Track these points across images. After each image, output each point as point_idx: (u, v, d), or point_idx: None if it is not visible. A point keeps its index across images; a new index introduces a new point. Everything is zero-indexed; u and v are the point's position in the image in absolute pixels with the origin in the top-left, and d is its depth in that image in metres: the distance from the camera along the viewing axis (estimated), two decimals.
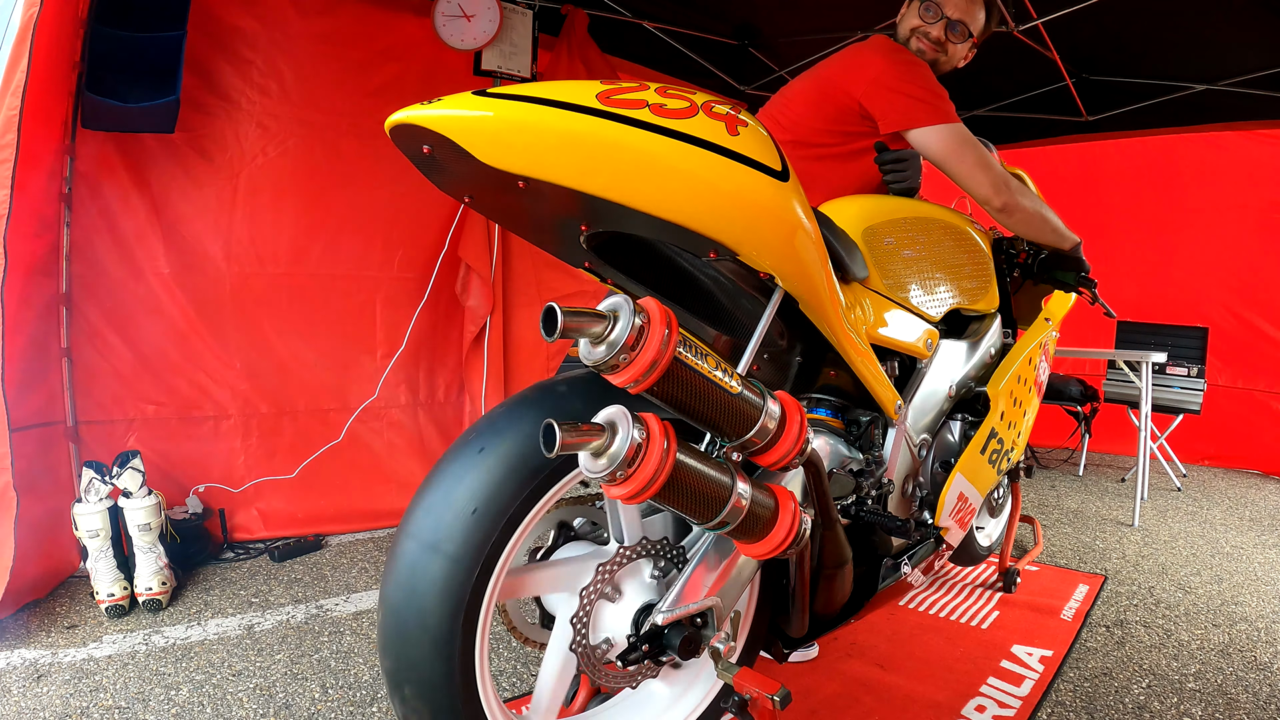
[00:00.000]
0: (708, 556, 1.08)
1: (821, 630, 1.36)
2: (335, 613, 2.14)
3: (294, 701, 1.65)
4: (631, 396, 0.91)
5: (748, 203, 0.93)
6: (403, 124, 0.83)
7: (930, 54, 1.77)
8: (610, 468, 0.80)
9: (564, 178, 0.86)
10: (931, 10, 1.74)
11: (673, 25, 3.63)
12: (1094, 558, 2.74)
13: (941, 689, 1.72)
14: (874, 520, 1.33)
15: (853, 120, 1.69)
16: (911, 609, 2.19)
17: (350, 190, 2.93)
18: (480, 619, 0.97)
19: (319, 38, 2.80)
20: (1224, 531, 3.13)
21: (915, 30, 1.77)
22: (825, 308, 1.12)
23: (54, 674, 1.75)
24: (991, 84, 4.19)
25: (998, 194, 1.59)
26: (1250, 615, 2.21)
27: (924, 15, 1.75)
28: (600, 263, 1.11)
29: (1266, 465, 4.36)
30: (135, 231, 2.53)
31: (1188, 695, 1.73)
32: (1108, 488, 3.93)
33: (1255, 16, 3.06)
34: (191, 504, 2.58)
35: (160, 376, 2.61)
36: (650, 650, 1.05)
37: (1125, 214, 4.68)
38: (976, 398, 1.62)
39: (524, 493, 0.97)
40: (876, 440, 1.38)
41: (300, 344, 2.88)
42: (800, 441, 0.96)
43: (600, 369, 0.82)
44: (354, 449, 2.97)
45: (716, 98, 0.94)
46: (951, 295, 1.54)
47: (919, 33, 1.76)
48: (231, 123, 2.67)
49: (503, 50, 3.02)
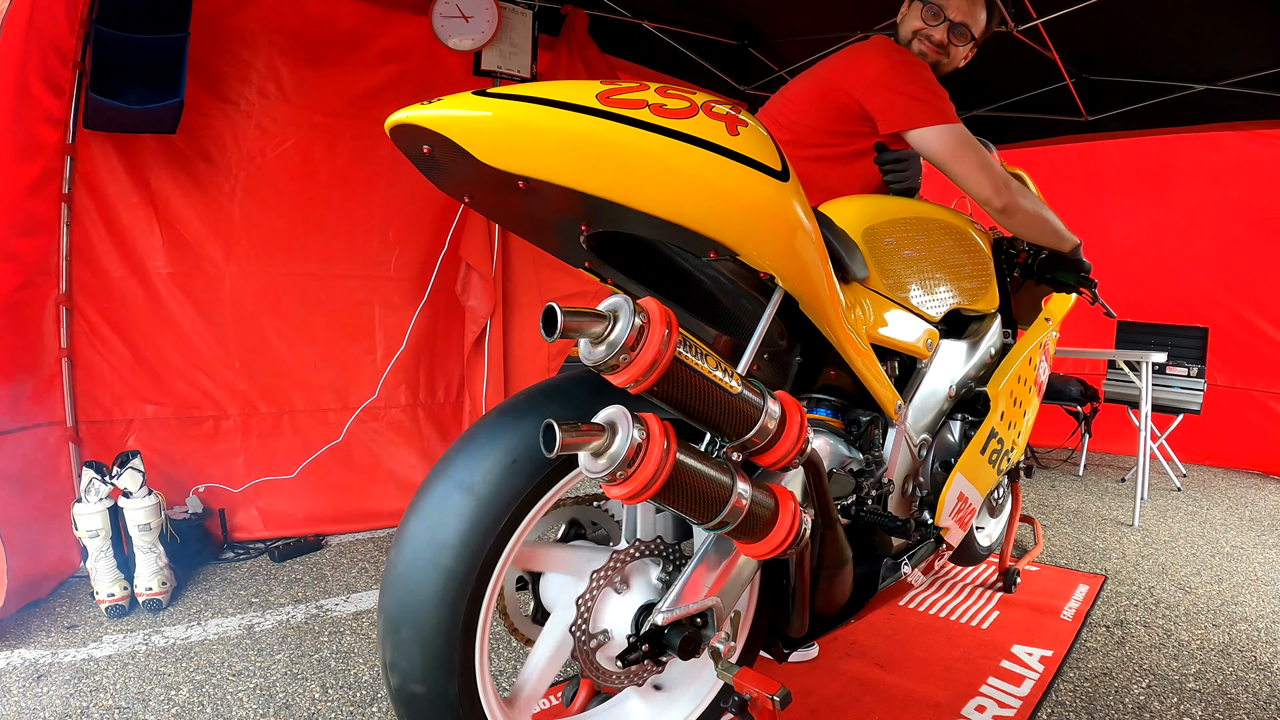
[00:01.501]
0: (708, 556, 1.08)
1: (821, 630, 1.36)
2: (335, 613, 2.14)
3: (294, 701, 1.65)
4: (632, 396, 0.91)
5: (748, 203, 0.93)
6: (402, 124, 0.83)
7: (932, 56, 1.78)
8: (610, 468, 0.80)
9: (564, 178, 0.86)
10: (934, 13, 1.74)
11: (673, 25, 3.63)
12: (1094, 558, 2.74)
13: (941, 689, 1.72)
14: (874, 520, 1.33)
15: (853, 120, 1.69)
16: (911, 609, 2.19)
17: (350, 190, 2.93)
18: (480, 618, 0.97)
19: (318, 38, 2.80)
20: (1224, 531, 3.13)
21: (918, 33, 1.77)
22: (825, 308, 1.12)
23: (54, 674, 1.75)
24: (991, 84, 4.19)
25: (998, 195, 1.59)
26: (1250, 615, 2.21)
27: (926, 18, 1.75)
28: (600, 263, 1.11)
29: (1266, 465, 4.36)
30: (135, 232, 2.53)
31: (1188, 695, 1.73)
32: (1108, 488, 3.93)
33: (1255, 16, 3.06)
34: (191, 504, 2.58)
35: (160, 376, 2.61)
36: (650, 650, 1.05)
37: (1125, 214, 4.68)
38: (976, 398, 1.62)
39: (528, 488, 0.97)
40: (876, 440, 1.38)
41: (300, 344, 2.88)
42: (800, 441, 0.96)
43: (600, 369, 0.82)
44: (354, 449, 2.97)
45: (716, 98, 0.94)
46: (951, 295, 1.54)
47: (921, 35, 1.76)
48: (231, 123, 2.67)
49: (502, 50, 3.02)
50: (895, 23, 1.85)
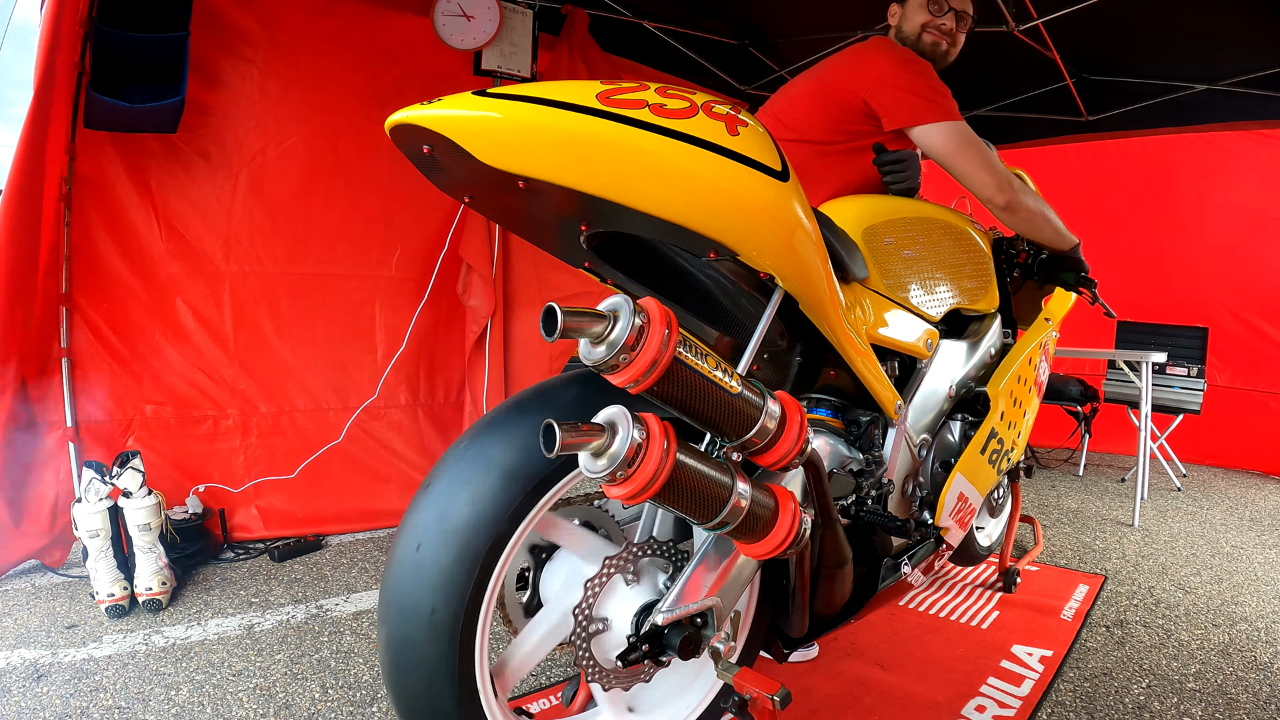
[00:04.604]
0: (708, 556, 1.08)
1: (821, 630, 1.36)
2: (335, 613, 2.14)
3: (294, 701, 1.65)
4: (632, 396, 0.91)
5: (748, 203, 0.93)
6: (403, 124, 0.83)
7: (945, 46, 1.83)
8: (610, 468, 0.80)
9: (564, 178, 0.86)
10: (939, 4, 1.80)
11: (673, 25, 3.63)
12: (1094, 558, 2.74)
13: (941, 689, 1.72)
14: (874, 520, 1.33)
15: (856, 118, 1.69)
16: (911, 609, 2.19)
17: (350, 190, 2.93)
18: (480, 618, 0.97)
19: (319, 38, 2.80)
20: (1224, 531, 3.13)
21: (926, 25, 1.81)
22: (825, 308, 1.12)
23: (54, 674, 1.75)
24: (991, 84, 4.19)
25: (1001, 192, 1.59)
26: (1250, 615, 2.21)
27: (933, 10, 1.80)
28: (600, 263, 1.11)
29: (1266, 465, 4.36)
30: (135, 231, 2.54)
31: (1188, 695, 1.73)
32: (1108, 488, 3.93)
33: (1255, 16, 3.06)
34: (191, 504, 2.58)
35: (160, 376, 2.61)
36: (650, 650, 1.05)
37: (1125, 214, 4.68)
38: (976, 398, 1.62)
39: (528, 488, 0.97)
40: (876, 440, 1.38)
41: (300, 344, 2.88)
42: (800, 441, 0.96)
43: (600, 369, 0.82)
44: (354, 449, 2.97)
45: (717, 97, 0.94)
46: (951, 295, 1.54)
47: (931, 27, 1.81)
48: (231, 122, 2.67)
49: (503, 50, 3.02)
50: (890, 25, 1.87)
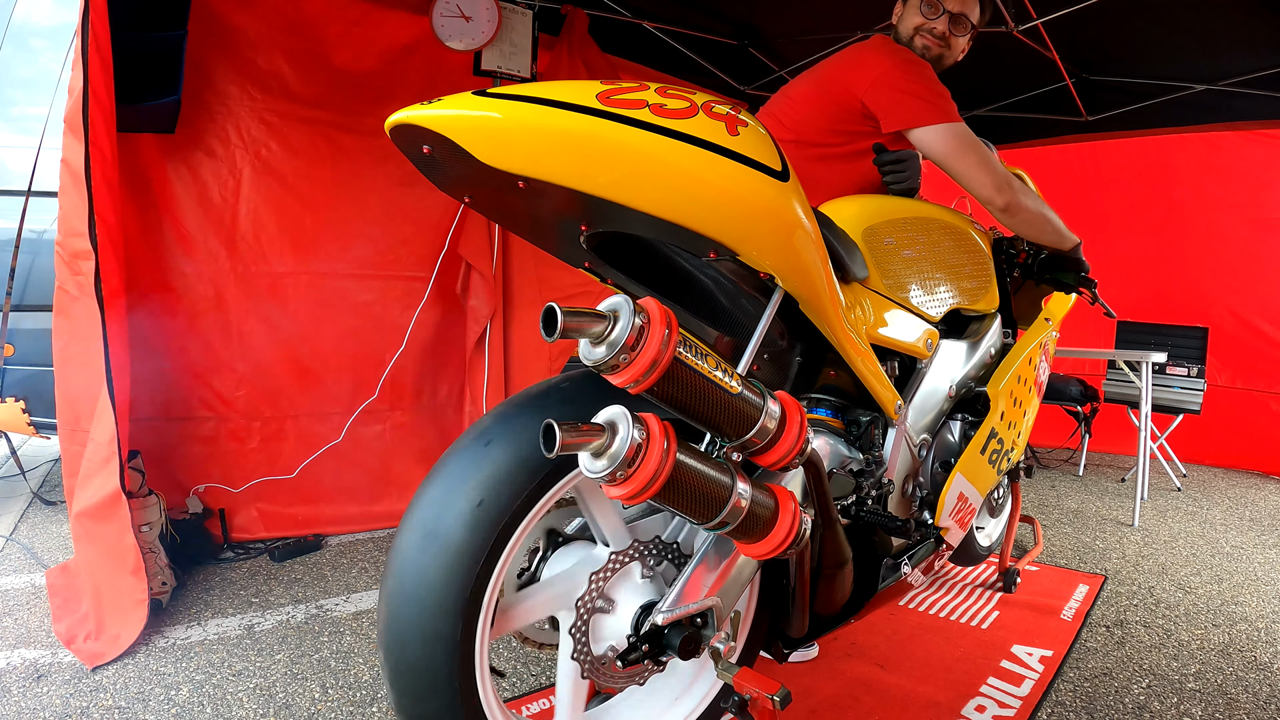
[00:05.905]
0: (708, 556, 1.08)
1: (821, 630, 1.36)
2: (335, 613, 2.14)
3: (294, 701, 1.65)
4: (632, 396, 0.91)
5: (747, 203, 0.93)
6: (403, 124, 0.83)
7: (936, 50, 1.79)
8: (610, 468, 0.80)
9: (564, 178, 0.86)
10: (933, 6, 1.76)
11: (673, 25, 3.63)
12: (1094, 558, 2.74)
13: (941, 689, 1.72)
14: (874, 520, 1.33)
15: (855, 120, 1.69)
16: (911, 609, 2.19)
17: (350, 190, 2.93)
18: (480, 617, 0.97)
19: (319, 37, 2.80)
20: (1224, 531, 3.13)
21: (919, 28, 1.78)
22: (825, 308, 1.12)
23: (54, 674, 1.75)
24: (991, 84, 4.19)
25: (1000, 193, 1.59)
26: (1250, 615, 2.21)
27: (926, 12, 1.77)
28: (600, 263, 1.11)
29: (1266, 465, 4.36)
30: (136, 231, 2.53)
31: (1188, 695, 1.73)
32: (1108, 488, 3.93)
33: (1255, 17, 3.06)
34: (191, 504, 2.58)
35: (160, 376, 2.61)
36: (650, 650, 1.05)
37: (1125, 214, 4.68)
38: (976, 398, 1.62)
39: (529, 487, 0.97)
40: (876, 440, 1.38)
41: (301, 344, 2.88)
42: (800, 441, 0.96)
43: (600, 369, 0.82)
44: (354, 449, 2.97)
45: (716, 98, 0.94)
46: (951, 295, 1.54)
47: (923, 30, 1.78)
48: (232, 122, 2.67)
49: (502, 50, 3.02)
50: (894, 24, 1.86)
